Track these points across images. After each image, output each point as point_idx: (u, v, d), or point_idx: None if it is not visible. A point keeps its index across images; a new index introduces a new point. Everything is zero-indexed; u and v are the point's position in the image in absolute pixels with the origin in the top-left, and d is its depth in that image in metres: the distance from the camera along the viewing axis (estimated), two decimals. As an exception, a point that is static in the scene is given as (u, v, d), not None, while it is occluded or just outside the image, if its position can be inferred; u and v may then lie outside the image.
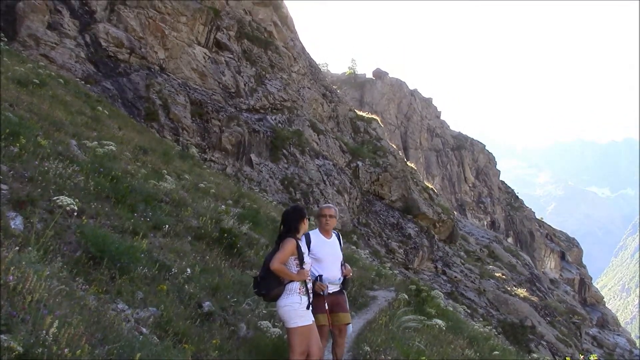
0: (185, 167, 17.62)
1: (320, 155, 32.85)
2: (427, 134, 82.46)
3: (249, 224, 11.84)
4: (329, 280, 6.21)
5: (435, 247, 36.64)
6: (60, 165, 7.71)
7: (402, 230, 34.68)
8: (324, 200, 28.74)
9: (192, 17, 29.10)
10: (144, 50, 26.00)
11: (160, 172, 13.14)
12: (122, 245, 6.09)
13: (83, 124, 13.64)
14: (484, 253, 49.36)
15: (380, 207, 36.16)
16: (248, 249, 10.56)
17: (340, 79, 79.71)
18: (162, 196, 10.24)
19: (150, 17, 27.03)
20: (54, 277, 4.47)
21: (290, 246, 5.56)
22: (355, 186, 33.64)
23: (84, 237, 5.88)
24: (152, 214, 8.60)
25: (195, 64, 28.53)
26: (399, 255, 32.01)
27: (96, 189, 7.90)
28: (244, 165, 27.04)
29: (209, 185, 15.40)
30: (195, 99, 26.40)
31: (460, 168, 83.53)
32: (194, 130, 25.22)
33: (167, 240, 8.16)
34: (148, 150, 15.94)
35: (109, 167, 9.18)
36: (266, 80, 33.57)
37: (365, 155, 38.50)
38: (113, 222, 7.30)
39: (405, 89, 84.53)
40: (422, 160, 76.61)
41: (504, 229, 78.76)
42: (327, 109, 41.23)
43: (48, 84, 15.74)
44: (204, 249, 9.05)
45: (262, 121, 30.75)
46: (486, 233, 62.39)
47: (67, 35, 22.73)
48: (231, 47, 31.99)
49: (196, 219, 10.08)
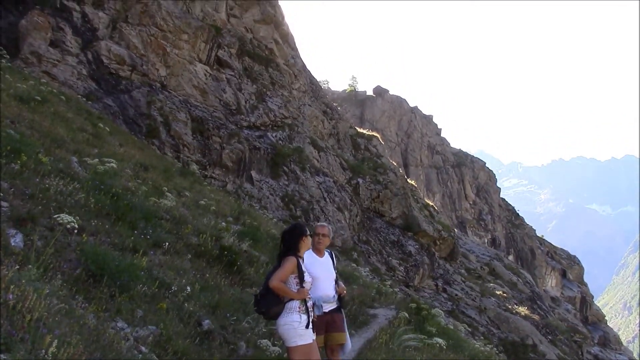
0: (186, 184, 17.63)
1: (321, 172, 32.87)
2: (428, 151, 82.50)
3: (249, 242, 11.82)
4: (322, 299, 6.21)
5: (435, 264, 36.53)
6: (61, 183, 7.73)
7: (402, 248, 34.59)
8: (324, 217, 28.71)
9: (194, 34, 29.27)
10: (145, 68, 26.13)
11: (160, 189, 13.14)
12: (122, 263, 6.09)
13: (84, 141, 13.68)
14: (485, 271, 49.14)
15: (380, 224, 36.10)
16: (248, 266, 10.53)
17: (340, 96, 79.95)
18: (163, 213, 10.24)
19: (152, 34, 27.20)
20: (53, 296, 4.46)
21: (291, 264, 5.56)
22: (355, 203, 33.61)
23: (84, 255, 5.88)
24: (153, 232, 8.60)
25: (197, 81, 28.65)
26: (400, 273, 31.89)
27: (97, 207, 7.91)
28: (244, 182, 27.05)
29: (210, 202, 15.39)
30: (196, 115, 26.48)
31: (461, 185, 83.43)
32: (194, 147, 25.26)
33: (167, 258, 8.15)
34: (149, 167, 15.97)
35: (110, 184, 9.19)
36: (267, 98, 33.68)
37: (366, 172, 38.51)
38: (113, 239, 7.30)
39: (405, 106, 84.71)
40: (422, 177, 76.57)
41: (504, 246, 78.48)
42: (328, 126, 41.33)
43: (50, 100, 15.80)
44: (204, 267, 9.03)
45: (263, 138, 30.81)
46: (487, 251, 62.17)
47: (69, 52, 22.87)
48: (232, 64, 32.15)
49: (196, 236, 10.07)
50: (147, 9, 27.37)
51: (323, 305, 6.20)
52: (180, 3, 30.38)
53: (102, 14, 25.67)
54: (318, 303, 6.07)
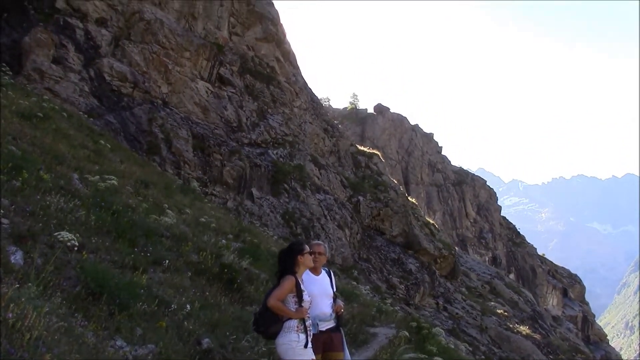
0: (187, 201, 17.62)
1: (322, 189, 32.87)
2: (428, 169, 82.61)
3: (249, 259, 11.79)
4: (318, 317, 6.19)
5: (436, 283, 36.39)
6: (61, 200, 7.74)
7: (403, 266, 34.48)
8: (324, 235, 28.66)
9: (196, 52, 29.45)
10: (147, 85, 26.25)
11: (161, 206, 13.14)
12: (121, 281, 6.07)
13: (85, 158, 13.71)
14: (486, 289, 48.96)
15: (381, 242, 36.03)
16: (248, 284, 10.49)
17: (341, 114, 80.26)
18: (163, 231, 10.22)
19: (154, 52, 27.36)
20: (53, 314, 4.45)
21: (289, 284, 5.54)
22: (356, 221, 33.57)
23: (84, 273, 5.87)
24: (153, 249, 8.59)
25: (198, 98, 28.77)
26: (400, 291, 31.78)
27: (97, 224, 7.90)
28: (245, 199, 27.05)
29: (210, 220, 15.38)
30: (198, 133, 26.55)
31: (462, 203, 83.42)
32: (195, 164, 25.30)
33: (167, 276, 8.12)
34: (149, 184, 15.97)
35: (110, 201, 9.20)
36: (268, 115, 33.80)
37: (367, 190, 38.49)
38: (113, 257, 7.29)
39: (406, 124, 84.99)
40: (423, 195, 76.60)
41: (505, 265, 78.24)
42: (329, 143, 41.40)
43: (51, 117, 15.86)
44: (204, 285, 9.00)
45: (264, 155, 30.86)
46: (488, 269, 61.96)
47: (72, 69, 22.99)
48: (234, 82, 32.29)
49: (196, 254, 10.04)
50: (149, 27, 27.55)
51: (319, 323, 6.18)
52: (183, 21, 30.59)
53: (104, 32, 25.84)
54: (314, 321, 6.05)
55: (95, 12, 25.89)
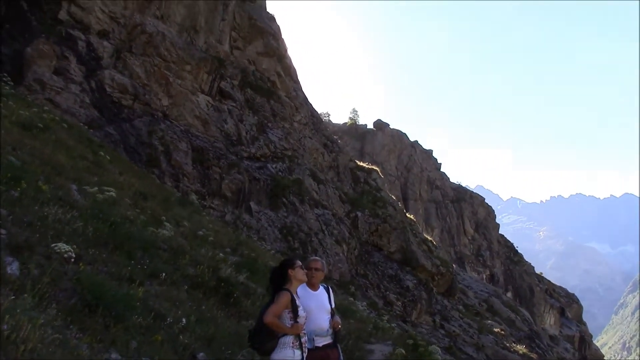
0: (185, 213, 17.60)
1: (320, 204, 32.84)
2: (427, 185, 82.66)
3: (246, 273, 11.76)
4: (314, 332, 6.17)
5: (433, 300, 36.25)
6: (59, 211, 7.73)
7: (400, 282, 34.36)
8: (322, 250, 28.60)
9: (197, 65, 29.56)
10: (147, 97, 26.32)
11: (159, 219, 13.12)
12: (118, 293, 6.05)
13: (84, 169, 13.71)
14: (483, 307, 48.79)
15: (378, 258, 35.93)
16: (245, 298, 10.46)
17: (341, 129, 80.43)
18: (160, 243, 10.20)
19: (156, 64, 27.47)
20: (48, 325, 4.43)
21: (285, 299, 5.54)
22: (354, 236, 33.52)
23: (80, 284, 5.85)
24: (150, 262, 8.57)
25: (198, 111, 28.83)
26: (397, 308, 31.65)
27: (94, 235, 7.89)
28: (243, 213, 27.02)
29: (208, 233, 15.35)
30: (197, 145, 26.58)
31: (460, 220, 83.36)
32: (194, 176, 25.31)
33: (163, 289, 8.10)
34: (148, 196, 15.97)
35: (109, 212, 9.19)
36: (268, 129, 33.86)
37: (365, 205, 38.45)
38: (110, 269, 7.26)
39: (405, 140, 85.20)
40: (421, 212, 76.58)
41: (503, 283, 78.06)
42: (328, 158, 41.44)
43: (52, 128, 15.88)
44: (201, 298, 8.97)
45: (263, 169, 30.87)
46: (485, 287, 61.80)
47: (73, 80, 23.07)
48: (234, 95, 32.38)
49: (193, 267, 10.01)
50: (151, 40, 27.68)
51: (316, 339, 6.16)
52: (185, 34, 30.75)
53: (106, 44, 25.97)
54: (310, 336, 6.03)
55: (97, 24, 26.03)
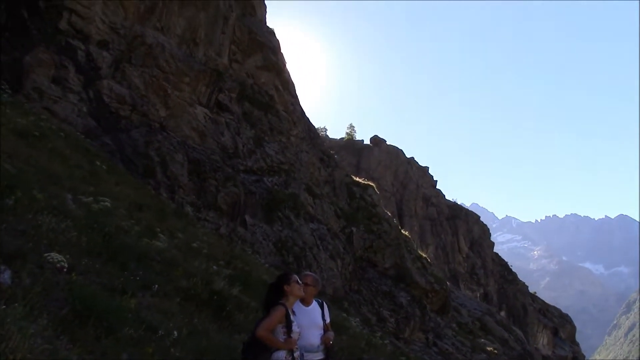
0: (179, 225, 17.54)
1: (315, 219, 32.81)
2: (423, 202, 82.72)
3: (239, 287, 11.70)
4: (305, 348, 6.15)
5: (427, 317, 36.15)
6: (53, 220, 7.70)
7: (394, 299, 34.27)
8: (316, 265, 28.53)
9: (195, 77, 29.63)
10: (145, 108, 26.34)
11: (154, 230, 13.08)
12: (110, 304, 6.01)
13: (80, 178, 13.68)
14: (476, 326, 48.69)
15: (373, 274, 35.86)
16: (238, 312, 10.40)
17: (338, 144, 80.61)
18: (154, 255, 10.16)
19: (154, 75, 27.51)
20: (38, 336, 4.39)
21: (279, 314, 5.52)
22: (348, 252, 33.45)
23: (72, 294, 5.81)
24: (143, 273, 8.52)
25: (196, 123, 28.86)
26: (390, 324, 31.53)
27: (88, 245, 7.86)
28: (238, 226, 26.95)
29: (202, 245, 15.31)
30: (194, 157, 26.58)
31: (455, 238, 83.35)
32: (190, 188, 25.27)
33: (156, 300, 8.04)
34: (143, 206, 15.93)
35: (103, 223, 9.16)
36: (265, 143, 33.88)
37: (360, 221, 38.44)
38: (103, 279, 7.22)
39: (402, 156, 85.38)
40: (416, 228, 76.56)
41: (496, 301, 77.96)
42: (324, 173, 41.46)
43: (48, 136, 15.87)
44: (193, 311, 8.90)
45: (259, 183, 30.85)
46: (479, 305, 61.71)
47: (71, 89, 23.07)
48: (232, 108, 32.44)
49: (187, 280, 9.96)
50: (150, 51, 27.76)
51: (306, 355, 6.14)
52: (184, 46, 30.84)
53: (106, 54, 26.01)
54: (300, 352, 6.01)
55: (97, 34, 26.08)
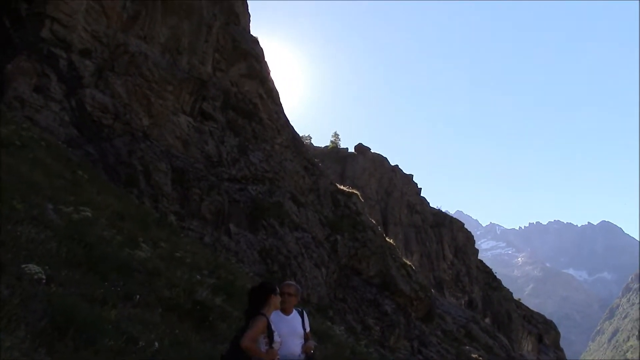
0: (163, 235, 17.43)
1: (300, 227, 32.74)
2: (407, 210, 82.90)
3: (223, 296, 11.66)
4: (286, 357, 6.13)
5: (411, 325, 36.16)
6: (33, 230, 7.63)
7: (379, 307, 34.25)
8: (301, 273, 28.46)
9: (179, 86, 29.54)
10: (128, 117, 26.19)
11: (136, 240, 12.99)
12: (89, 316, 5.96)
13: (61, 188, 13.56)
14: (461, 333, 48.82)
15: (357, 282, 35.82)
16: (221, 322, 10.35)
17: (322, 152, 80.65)
18: (136, 265, 10.08)
19: (138, 84, 27.38)
20: (15, 348, 4.34)
21: (261, 324, 5.49)
22: (333, 260, 33.41)
23: (51, 306, 5.75)
24: (124, 283, 8.45)
25: (179, 132, 28.75)
26: (375, 333, 31.50)
27: (68, 256, 7.79)
28: (222, 235, 26.83)
29: (185, 255, 15.23)
30: (177, 166, 26.45)
31: (439, 245, 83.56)
32: (173, 197, 25.13)
33: (137, 311, 7.98)
34: (126, 216, 15.81)
35: (84, 233, 9.08)
36: (249, 151, 33.80)
37: (345, 229, 38.40)
38: (83, 290, 7.16)
39: (386, 164, 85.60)
40: (401, 236, 76.66)
41: (481, 308, 78.19)
42: (309, 181, 41.42)
43: (29, 146, 15.73)
44: (175, 321, 8.85)
45: (243, 191, 30.75)
46: (463, 312, 61.90)
47: (53, 98, 22.89)
48: (216, 117, 32.35)
49: (169, 290, 9.90)
50: (133, 60, 27.64)
51: None
52: (167, 55, 30.74)
53: (88, 62, 25.86)
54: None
55: (80, 42, 25.93)
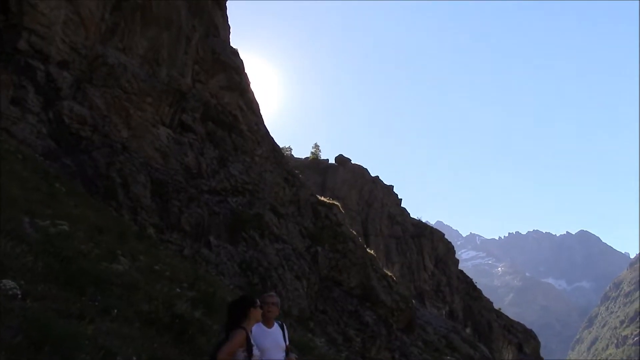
0: (142, 247, 17.29)
1: (280, 239, 32.66)
2: (388, 221, 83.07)
3: (202, 309, 11.58)
4: None
5: (393, 336, 36.16)
6: (9, 245, 7.54)
7: (360, 318, 34.23)
8: (282, 285, 28.37)
9: (158, 97, 29.42)
10: (107, 129, 26.01)
11: (114, 253, 12.87)
12: (66, 331, 5.89)
13: (38, 201, 13.42)
14: (442, 343, 48.84)
15: (338, 293, 35.78)
16: (200, 335, 10.27)
17: (303, 164, 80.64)
18: (114, 278, 9.99)
19: (116, 96, 27.22)
20: (-12, 366, 4.27)
21: (240, 338, 5.47)
22: (314, 271, 33.35)
23: (27, 322, 5.67)
24: (102, 297, 8.37)
25: (159, 144, 28.59)
26: (356, 344, 31.44)
27: (44, 270, 7.70)
28: (202, 247, 26.67)
29: (165, 268, 15.12)
30: (157, 178, 26.29)
31: (420, 256, 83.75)
32: (153, 209, 24.95)
33: (115, 326, 7.89)
34: (104, 229, 15.67)
35: (61, 247, 8.98)
36: (229, 163, 33.71)
37: (326, 240, 38.37)
38: (59, 305, 7.07)
39: (367, 175, 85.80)
40: (382, 247, 76.77)
41: (462, 318, 78.43)
42: (289, 193, 41.37)
43: (6, 158, 15.57)
44: (154, 335, 8.76)
45: (223, 203, 30.63)
46: (444, 323, 62.02)
47: (30, 110, 22.68)
48: (195, 128, 32.25)
49: (148, 303, 9.81)
50: (112, 71, 27.50)
51: None
52: (147, 66, 30.63)
53: (66, 74, 25.68)
54: None
55: (58, 54, 25.75)
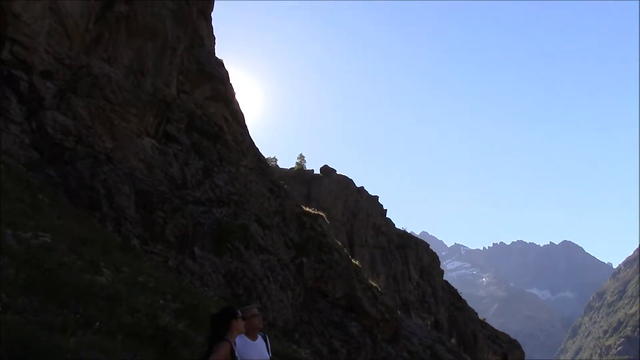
0: (125, 259, 17.19)
1: (265, 250, 32.59)
2: (373, 231, 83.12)
3: (186, 321, 11.52)
4: None
5: (378, 347, 36.14)
6: (-10, 257, 7.48)
7: (345, 329, 34.20)
8: (267, 297, 28.30)
9: (143, 108, 29.32)
10: (91, 139, 25.86)
11: (97, 265, 12.77)
12: (47, 344, 5.85)
13: (21, 212, 13.31)
14: (427, 354, 48.87)
15: (324, 304, 35.75)
16: (184, 347, 10.22)
17: (288, 174, 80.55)
18: (97, 290, 9.92)
19: (101, 106, 27.09)
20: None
21: (224, 350, 5.45)
22: (299, 282, 33.31)
23: (8, 335, 5.63)
24: (84, 310, 8.31)
25: (143, 154, 28.47)
26: (342, 355, 31.40)
27: (26, 283, 7.64)
28: (186, 258, 26.53)
29: (148, 279, 15.03)
30: (141, 189, 26.14)
31: (405, 267, 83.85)
32: (137, 220, 24.80)
33: (97, 338, 7.84)
34: (87, 240, 15.57)
35: (43, 259, 8.92)
36: (214, 173, 33.63)
37: (311, 251, 38.36)
38: (41, 318, 7.02)
39: (352, 186, 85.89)
40: (367, 257, 76.75)
41: (447, 329, 78.53)
42: (274, 203, 41.33)
43: (-12, 169, 15.44)
44: (137, 347, 8.71)
45: (208, 214, 30.52)
46: (429, 333, 62.05)
47: (13, 121, 22.52)
48: (180, 139, 32.16)
49: (131, 315, 9.75)
50: (96, 82, 27.39)
51: None
52: (131, 77, 30.55)
53: (49, 84, 25.54)
54: None
55: (41, 64, 25.62)
